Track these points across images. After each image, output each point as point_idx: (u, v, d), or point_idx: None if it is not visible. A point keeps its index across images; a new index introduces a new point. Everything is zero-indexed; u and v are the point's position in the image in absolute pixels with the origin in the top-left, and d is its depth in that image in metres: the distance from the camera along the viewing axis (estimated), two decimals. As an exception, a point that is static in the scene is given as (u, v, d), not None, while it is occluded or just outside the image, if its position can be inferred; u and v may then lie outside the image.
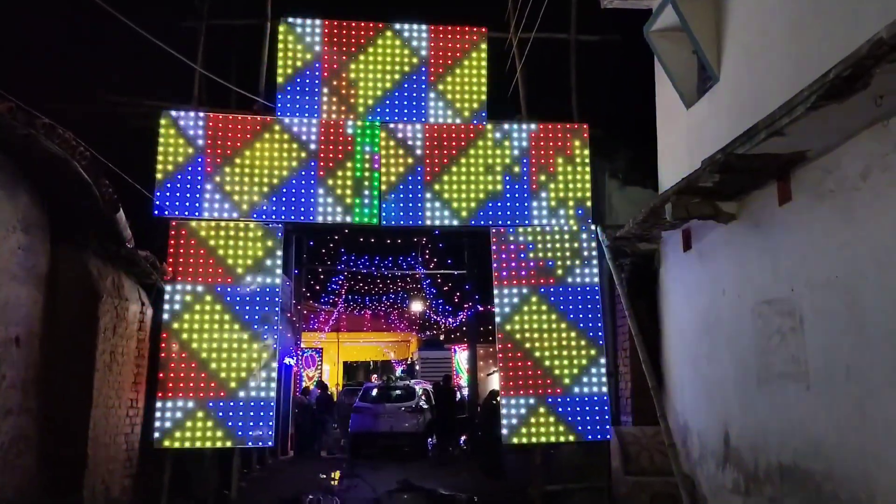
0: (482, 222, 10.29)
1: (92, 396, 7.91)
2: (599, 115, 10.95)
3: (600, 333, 10.10)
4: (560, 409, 9.85)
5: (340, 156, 10.12)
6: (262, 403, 9.45)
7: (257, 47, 10.37)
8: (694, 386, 8.94)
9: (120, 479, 8.82)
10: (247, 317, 9.62)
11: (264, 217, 9.89)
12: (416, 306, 26.01)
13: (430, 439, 18.79)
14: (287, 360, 18.24)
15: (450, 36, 10.66)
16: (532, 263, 10.17)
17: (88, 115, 9.11)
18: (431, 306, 24.46)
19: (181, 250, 9.66)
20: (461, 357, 28.46)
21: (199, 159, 9.82)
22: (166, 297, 9.51)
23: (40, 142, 6.50)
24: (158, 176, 9.69)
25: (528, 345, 10.04)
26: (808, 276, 6.38)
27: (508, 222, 10.28)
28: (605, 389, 9.97)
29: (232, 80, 10.67)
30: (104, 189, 7.35)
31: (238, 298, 9.65)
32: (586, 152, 10.45)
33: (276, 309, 9.85)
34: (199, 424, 9.27)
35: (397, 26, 10.58)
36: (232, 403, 9.37)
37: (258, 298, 9.71)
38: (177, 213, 9.72)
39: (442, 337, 28.18)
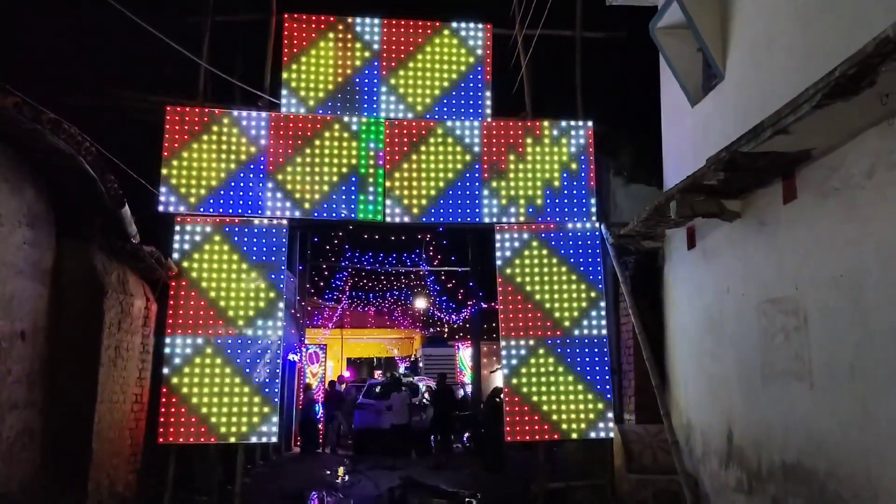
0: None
1: (97, 391, 7.92)
2: (604, 112, 10.94)
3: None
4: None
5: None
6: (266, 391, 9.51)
7: (262, 42, 10.37)
8: (698, 384, 8.94)
9: (124, 474, 8.84)
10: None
11: (269, 213, 9.89)
12: (420, 303, 26.01)
13: (433, 435, 18.79)
14: (291, 357, 18.28)
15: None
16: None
17: (94, 110, 9.13)
18: (435, 303, 24.46)
19: (185, 246, 9.68)
20: (465, 354, 28.48)
21: (207, 156, 9.84)
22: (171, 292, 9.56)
23: (46, 137, 6.50)
24: (163, 171, 9.70)
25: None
26: (813, 274, 6.38)
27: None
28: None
29: (236, 76, 10.67)
30: (109, 184, 7.36)
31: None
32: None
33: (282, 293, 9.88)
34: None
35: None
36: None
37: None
38: (181, 208, 9.73)
39: (446, 334, 28.20)
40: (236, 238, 9.78)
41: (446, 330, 27.45)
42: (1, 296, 6.63)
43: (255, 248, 9.80)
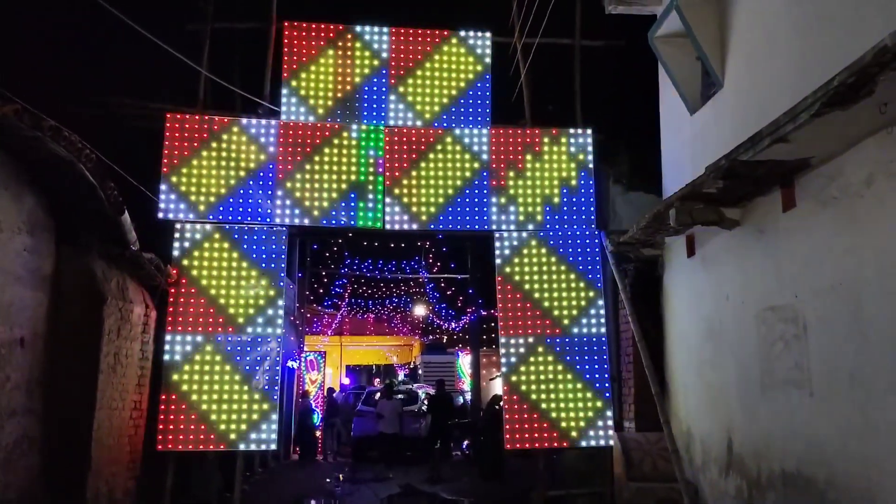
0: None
1: (96, 398, 7.93)
2: (603, 119, 10.98)
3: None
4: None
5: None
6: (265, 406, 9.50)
7: (262, 49, 10.41)
8: (697, 392, 8.94)
9: (123, 481, 8.84)
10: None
11: (269, 220, 9.91)
12: (419, 310, 26.03)
13: (432, 445, 18.74)
14: (290, 364, 18.28)
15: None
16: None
17: (94, 118, 9.16)
18: (434, 310, 24.48)
19: (185, 245, 9.70)
20: (464, 361, 28.47)
21: (206, 163, 9.87)
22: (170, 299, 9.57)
23: (46, 144, 6.52)
24: (171, 179, 9.73)
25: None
26: (812, 282, 6.39)
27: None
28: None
29: (236, 83, 10.69)
30: (109, 191, 7.38)
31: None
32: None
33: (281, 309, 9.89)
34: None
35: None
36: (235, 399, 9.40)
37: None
38: (181, 215, 9.75)
39: (445, 341, 28.21)
40: (235, 244, 9.80)
41: (445, 337, 27.45)
42: (0, 303, 6.64)
43: (253, 255, 9.82)
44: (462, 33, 10.73)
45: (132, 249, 8.26)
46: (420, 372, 30.29)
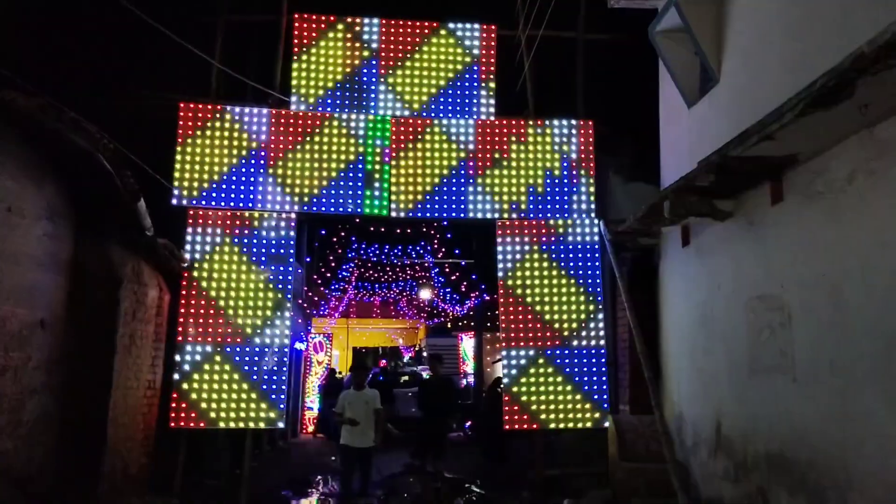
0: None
1: (112, 378, 8.26)
2: (605, 111, 11.19)
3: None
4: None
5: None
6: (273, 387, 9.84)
7: (273, 41, 10.67)
8: (690, 377, 9.24)
9: (137, 458, 9.19)
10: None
11: (272, 206, 10.20)
12: (425, 294, 26.31)
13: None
14: (298, 345, 18.62)
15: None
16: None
17: (113, 108, 9.42)
18: (439, 294, 24.74)
19: (198, 238, 10.01)
20: (468, 344, 28.77)
21: (219, 151, 10.17)
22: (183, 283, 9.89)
23: (67, 135, 6.82)
24: (177, 166, 10.02)
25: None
26: (797, 273, 6.66)
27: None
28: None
29: (249, 74, 10.96)
30: (126, 180, 7.67)
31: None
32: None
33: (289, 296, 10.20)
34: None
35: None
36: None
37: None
38: (194, 202, 10.05)
39: (449, 324, 28.48)
40: (247, 231, 10.11)
41: (450, 321, 27.71)
42: (22, 286, 6.96)
43: (264, 242, 10.12)
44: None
45: (147, 235, 8.55)
46: (425, 355, 30.63)
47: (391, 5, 11.25)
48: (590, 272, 10.60)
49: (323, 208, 10.34)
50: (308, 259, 19.69)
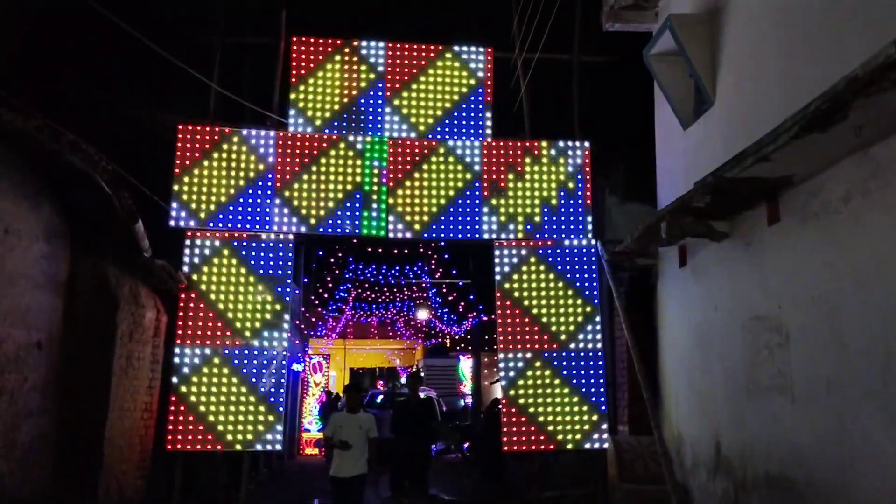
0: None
1: (109, 400, 8.22)
2: (601, 132, 11.24)
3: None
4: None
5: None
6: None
7: (271, 64, 10.74)
8: (688, 397, 9.23)
9: (133, 480, 9.13)
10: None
11: (276, 228, 10.21)
12: (422, 315, 26.33)
13: (434, 446, 18.97)
14: (295, 367, 18.58)
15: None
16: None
17: (109, 128, 9.45)
18: (437, 315, 24.76)
19: (195, 260, 10.00)
20: (465, 365, 28.74)
21: (217, 173, 10.18)
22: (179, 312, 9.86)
23: (65, 156, 6.84)
24: (175, 187, 10.04)
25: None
26: (794, 293, 6.68)
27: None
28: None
29: (246, 96, 11.02)
30: (124, 201, 7.68)
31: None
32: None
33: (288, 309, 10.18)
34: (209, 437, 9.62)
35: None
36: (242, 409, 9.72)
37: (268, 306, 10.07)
38: (191, 223, 10.05)
39: (448, 345, 28.48)
40: (244, 252, 10.10)
41: (448, 341, 27.72)
42: (18, 307, 6.95)
43: (262, 263, 10.12)
44: (456, 48, 11.01)
45: (145, 256, 8.55)
46: (422, 375, 30.59)
47: (387, 29, 11.31)
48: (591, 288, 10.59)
49: (321, 230, 10.34)
50: (306, 280, 19.70)
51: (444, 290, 22.33)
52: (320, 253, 19.16)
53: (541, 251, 10.54)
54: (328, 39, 10.83)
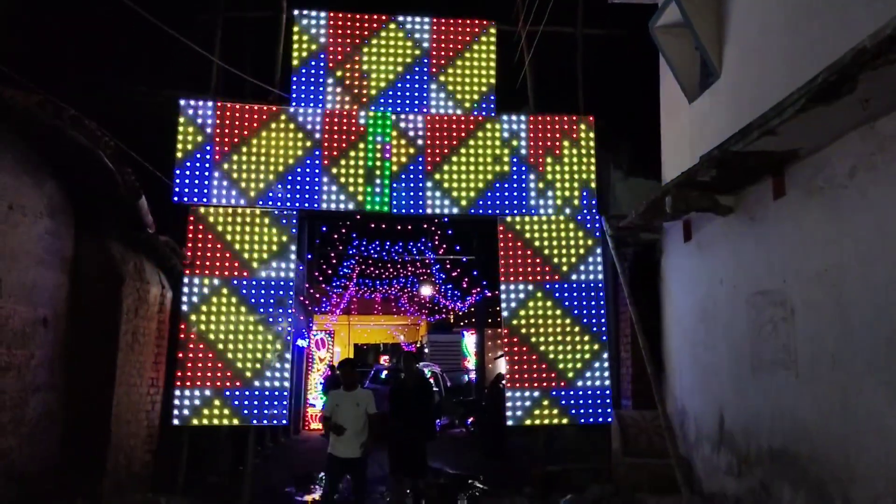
0: (486, 211, 10.63)
1: (115, 375, 8.28)
2: (605, 107, 11.18)
3: (604, 329, 10.38)
4: (563, 402, 10.16)
5: (345, 144, 10.41)
6: (276, 392, 9.83)
7: (273, 38, 10.66)
8: (692, 372, 9.24)
9: (140, 455, 9.21)
10: (261, 308, 10.00)
11: (279, 204, 10.19)
12: (426, 290, 26.33)
13: (438, 420, 19.07)
14: (300, 342, 18.64)
15: (451, 28, 10.95)
16: (538, 259, 10.51)
17: (111, 104, 9.42)
18: (440, 291, 24.76)
19: (199, 236, 10.00)
20: (469, 341, 28.79)
21: (209, 147, 10.13)
22: (184, 289, 9.88)
23: (67, 133, 6.82)
24: (177, 164, 10.02)
25: (533, 339, 10.33)
26: (799, 268, 6.66)
27: (515, 211, 10.57)
28: (607, 383, 10.24)
29: (248, 71, 10.96)
30: (127, 177, 7.68)
31: (253, 290, 10.04)
32: (592, 140, 10.79)
33: (291, 293, 10.19)
34: (215, 412, 9.69)
35: (400, 18, 10.88)
36: (248, 392, 9.78)
37: (273, 285, 10.08)
38: (195, 199, 10.04)
39: (451, 320, 28.50)
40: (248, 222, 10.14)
41: (451, 317, 27.73)
42: (24, 284, 6.97)
43: (265, 238, 10.13)
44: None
45: (148, 232, 8.57)
46: (427, 351, 30.66)
47: (395, 3, 11.20)
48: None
49: (325, 205, 10.32)
50: (309, 256, 19.70)
51: (448, 266, 22.30)
52: (324, 229, 19.13)
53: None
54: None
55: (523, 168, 10.64)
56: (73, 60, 9.44)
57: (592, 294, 10.46)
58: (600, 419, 10.16)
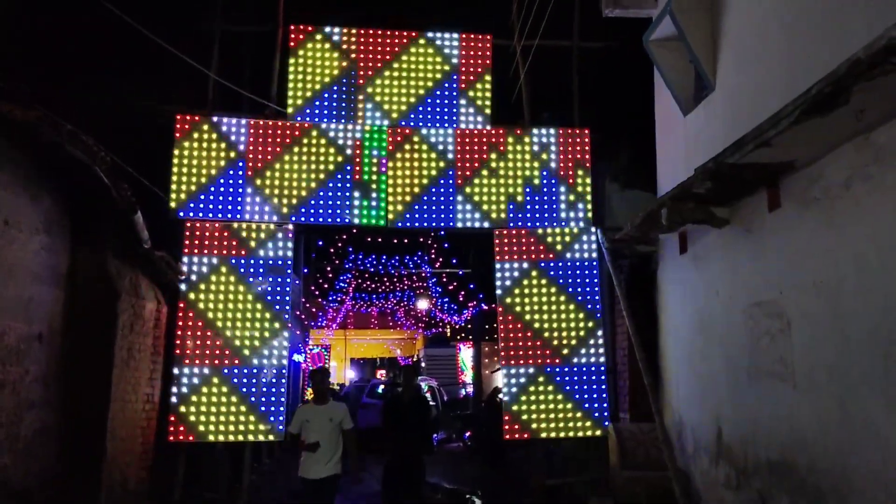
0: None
1: (110, 391, 8.22)
2: (601, 119, 11.23)
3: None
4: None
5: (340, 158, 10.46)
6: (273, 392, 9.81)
7: (269, 53, 10.70)
8: (689, 384, 9.23)
9: (136, 471, 9.15)
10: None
11: (275, 218, 10.19)
12: (422, 304, 26.34)
13: (435, 435, 19.02)
14: (296, 357, 18.60)
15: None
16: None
17: (107, 118, 9.42)
18: (437, 304, 24.78)
19: (195, 251, 10.00)
20: (466, 354, 28.78)
21: (216, 163, 10.16)
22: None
23: (64, 148, 6.82)
24: (173, 178, 10.01)
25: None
26: (795, 279, 6.66)
27: (519, 224, 10.62)
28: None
29: (244, 85, 10.98)
30: (123, 192, 7.67)
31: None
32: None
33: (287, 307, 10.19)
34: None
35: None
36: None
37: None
38: (191, 214, 10.03)
39: (448, 334, 28.52)
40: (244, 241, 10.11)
41: (448, 331, 27.74)
42: (20, 300, 6.94)
43: (261, 252, 10.11)
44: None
45: (144, 247, 8.55)
46: (423, 365, 30.64)
47: (383, 15, 11.26)
48: (588, 287, 10.62)
49: (321, 219, 10.33)
50: (306, 270, 19.69)
51: (444, 280, 22.34)
52: (320, 243, 19.15)
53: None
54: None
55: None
56: (68, 74, 9.44)
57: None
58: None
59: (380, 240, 15.43)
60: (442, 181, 10.58)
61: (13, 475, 6.86)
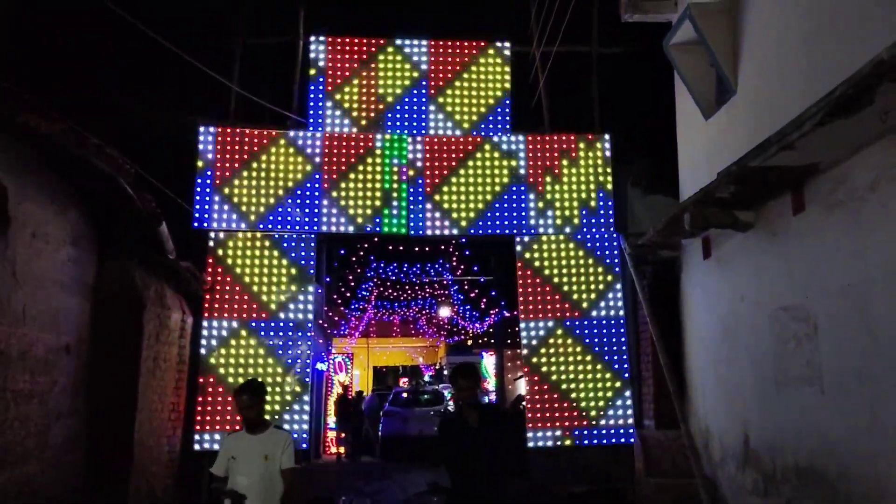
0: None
1: (137, 400, 8.27)
2: (622, 124, 11.19)
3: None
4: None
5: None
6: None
7: (290, 64, 10.78)
8: (714, 390, 9.15)
9: (162, 479, 9.22)
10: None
11: (297, 227, 10.23)
12: (444, 312, 26.32)
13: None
14: (319, 366, 18.66)
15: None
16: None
17: (131, 129, 9.54)
18: (459, 312, 24.76)
19: (220, 258, 10.06)
20: (488, 362, 28.71)
21: (233, 174, 10.22)
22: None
23: (90, 160, 6.90)
24: (197, 189, 10.09)
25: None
26: (822, 283, 6.60)
27: (524, 231, 10.50)
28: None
29: (266, 96, 11.07)
30: (148, 203, 7.74)
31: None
32: (606, 159, 10.71)
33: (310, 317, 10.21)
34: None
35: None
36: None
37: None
38: (215, 224, 10.10)
39: (470, 342, 28.48)
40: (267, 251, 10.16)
41: (470, 339, 27.71)
42: (48, 311, 7.02)
43: (284, 261, 10.15)
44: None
45: (169, 258, 8.61)
46: (446, 373, 30.60)
47: (408, 26, 11.30)
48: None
49: (342, 228, 10.35)
50: (328, 279, 19.77)
51: (466, 287, 22.32)
52: (342, 252, 19.22)
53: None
54: (362, 39, 10.80)
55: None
56: (91, 86, 9.57)
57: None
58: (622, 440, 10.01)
59: (401, 248, 15.43)
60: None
61: (42, 483, 6.93)
